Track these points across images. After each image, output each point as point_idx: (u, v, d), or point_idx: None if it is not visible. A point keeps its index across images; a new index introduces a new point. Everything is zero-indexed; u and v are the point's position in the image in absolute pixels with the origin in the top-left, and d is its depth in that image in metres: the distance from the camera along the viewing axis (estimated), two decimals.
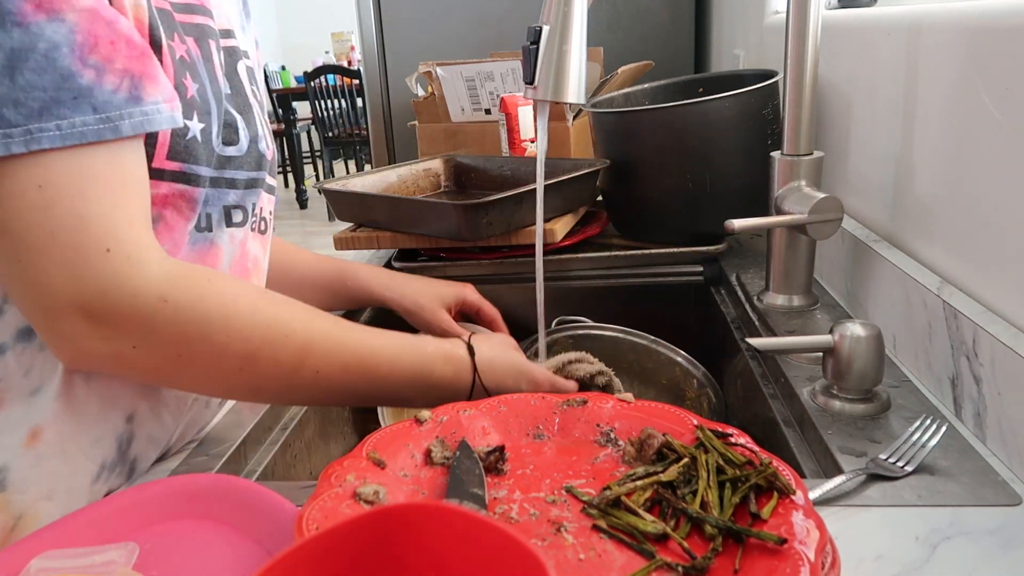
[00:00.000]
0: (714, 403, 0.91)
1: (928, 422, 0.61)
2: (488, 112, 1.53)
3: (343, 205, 1.20)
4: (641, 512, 0.50)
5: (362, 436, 0.59)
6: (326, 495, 0.50)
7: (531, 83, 0.75)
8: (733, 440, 0.55)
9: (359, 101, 5.77)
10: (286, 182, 6.61)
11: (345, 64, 6.48)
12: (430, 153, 1.54)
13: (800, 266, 0.88)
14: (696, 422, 0.58)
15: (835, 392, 0.68)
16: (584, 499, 0.52)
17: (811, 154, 0.84)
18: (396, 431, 0.59)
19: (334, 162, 6.53)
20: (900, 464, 0.57)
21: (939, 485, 0.55)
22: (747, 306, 0.95)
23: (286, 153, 6.29)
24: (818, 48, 0.80)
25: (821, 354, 0.68)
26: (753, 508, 0.48)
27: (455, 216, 1.03)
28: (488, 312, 0.98)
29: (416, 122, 1.60)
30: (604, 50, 1.64)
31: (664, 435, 0.56)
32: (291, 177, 6.16)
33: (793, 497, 0.48)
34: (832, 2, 1.08)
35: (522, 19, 0.93)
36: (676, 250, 1.11)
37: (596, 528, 0.49)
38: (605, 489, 0.52)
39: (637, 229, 1.18)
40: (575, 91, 0.75)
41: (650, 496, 0.51)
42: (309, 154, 6.98)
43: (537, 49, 0.74)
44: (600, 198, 1.23)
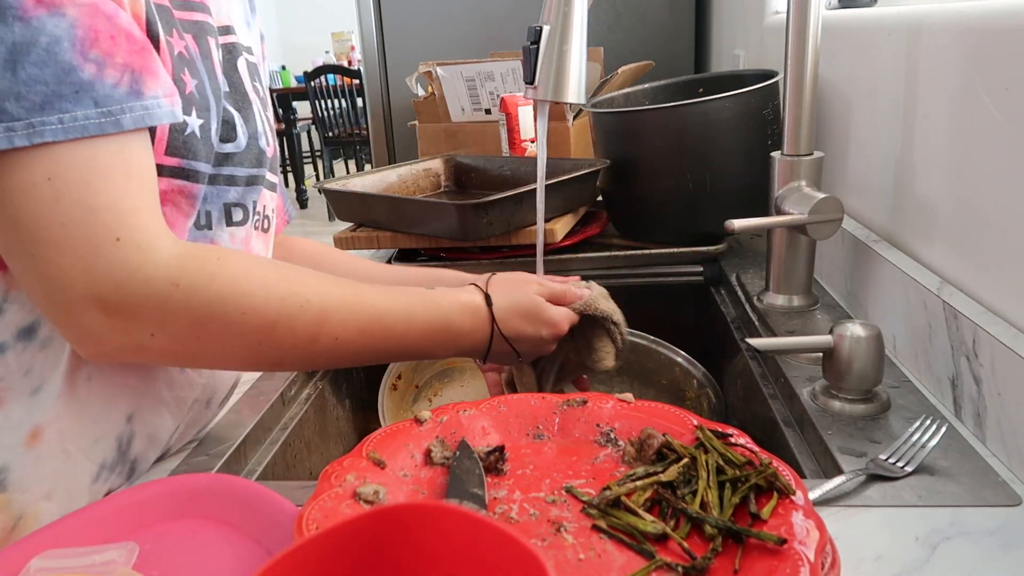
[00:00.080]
0: (714, 403, 0.91)
1: (928, 422, 0.61)
2: (488, 112, 1.53)
3: (343, 205, 1.20)
4: (641, 512, 0.50)
5: (362, 436, 0.59)
6: (326, 495, 0.50)
7: (531, 83, 0.75)
8: (733, 440, 0.55)
9: (359, 101, 5.78)
10: (286, 182, 6.60)
11: (345, 64, 6.49)
12: (430, 153, 1.54)
13: (800, 266, 0.88)
14: (696, 422, 0.58)
15: (835, 392, 0.68)
16: (584, 499, 0.52)
17: (811, 154, 0.84)
18: (396, 431, 0.59)
19: (334, 162, 6.53)
20: (900, 464, 0.57)
21: (939, 485, 0.55)
22: (747, 306, 0.95)
23: (286, 153, 6.29)
24: (818, 48, 0.80)
25: (821, 354, 0.68)
26: (753, 508, 0.48)
27: (455, 216, 1.03)
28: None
29: (416, 122, 1.60)
30: (604, 50, 1.64)
31: (664, 435, 0.56)
32: (291, 177, 6.16)
33: (793, 497, 0.48)
34: (832, 2, 1.08)
35: (522, 19, 0.93)
36: (676, 250, 1.11)
37: (596, 528, 0.49)
38: (605, 489, 0.52)
39: (637, 229, 1.18)
40: (575, 91, 0.75)
41: (650, 496, 0.51)
42: (309, 154, 6.98)
43: (537, 49, 0.74)
44: (600, 198, 1.23)
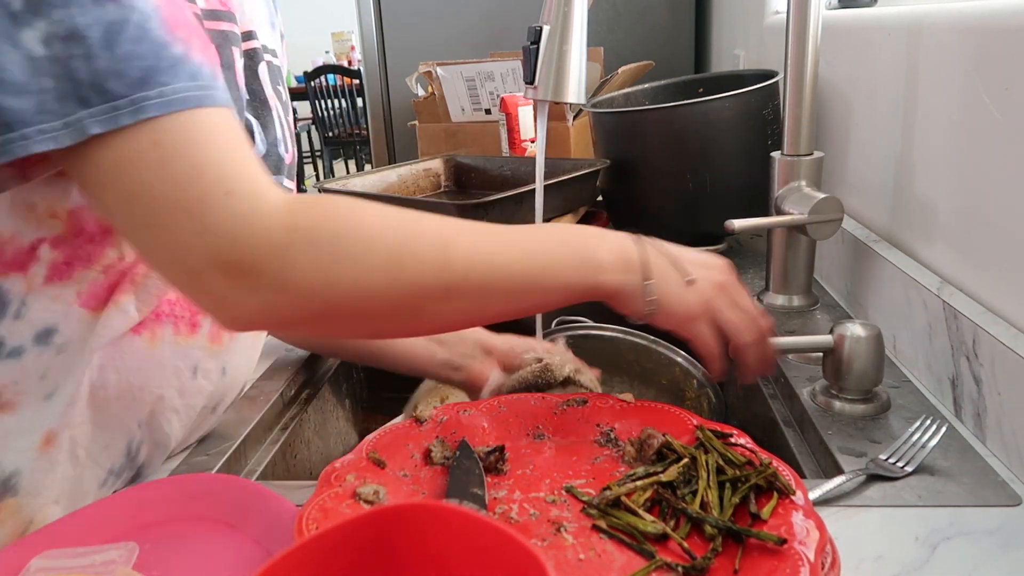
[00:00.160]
0: (714, 403, 0.91)
1: (928, 422, 0.61)
2: (488, 112, 1.53)
3: None
4: (641, 512, 0.50)
5: (362, 436, 0.59)
6: (326, 495, 0.50)
7: (531, 83, 0.75)
8: (733, 440, 0.55)
9: (359, 101, 5.78)
10: None
11: (345, 64, 6.49)
12: (430, 153, 1.54)
13: (800, 266, 0.88)
14: (696, 422, 0.58)
15: (835, 392, 0.68)
16: (584, 499, 0.52)
17: (811, 154, 0.84)
18: (396, 431, 0.59)
19: (334, 162, 6.53)
20: (900, 464, 0.57)
21: (939, 485, 0.55)
22: None
23: None
24: (818, 48, 0.80)
25: (821, 354, 0.68)
26: (753, 508, 0.48)
27: (455, 216, 1.03)
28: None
29: (416, 122, 1.60)
30: (604, 50, 1.64)
31: (664, 435, 0.56)
32: None
33: (793, 497, 0.48)
34: (832, 2, 1.08)
35: (522, 19, 0.93)
36: None
37: (596, 528, 0.49)
38: (605, 489, 0.52)
39: (637, 229, 1.18)
40: (575, 91, 0.75)
41: (650, 496, 0.51)
42: (309, 154, 6.98)
43: (537, 49, 0.74)
44: (600, 198, 1.23)
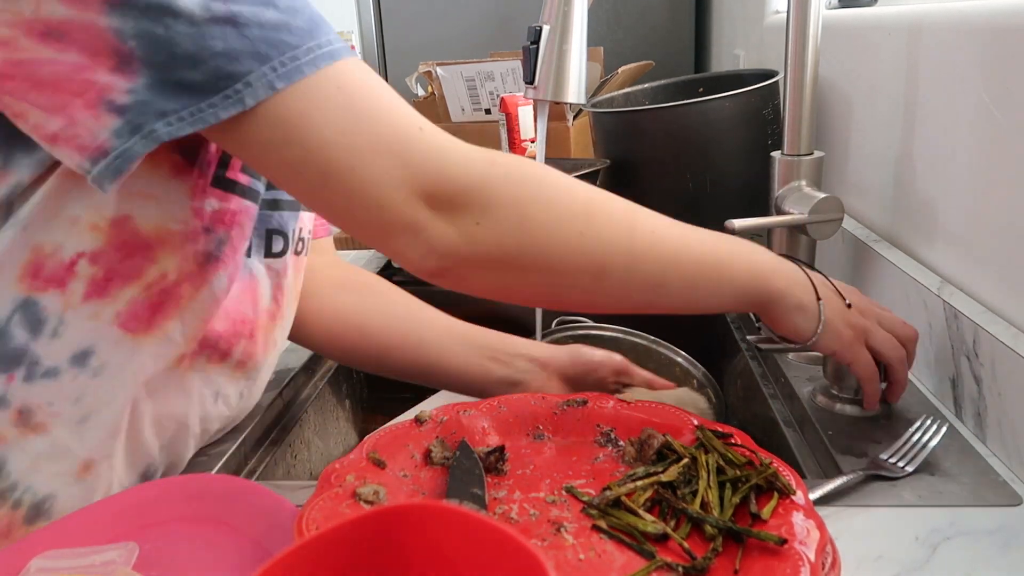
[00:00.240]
0: (714, 403, 0.91)
1: (928, 422, 0.61)
2: (488, 112, 1.53)
3: None
4: (641, 512, 0.50)
5: (362, 436, 0.59)
6: (326, 495, 0.50)
7: (531, 83, 0.75)
8: (733, 440, 0.55)
9: None
10: None
11: None
12: None
13: None
14: (696, 422, 0.58)
15: (835, 392, 0.68)
16: (584, 499, 0.52)
17: (811, 154, 0.84)
18: (396, 431, 0.59)
19: None
20: (900, 464, 0.57)
21: (939, 485, 0.55)
22: None
23: None
24: (818, 48, 0.80)
25: (821, 354, 0.68)
26: (753, 508, 0.48)
27: None
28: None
29: None
30: (604, 50, 1.64)
31: (664, 435, 0.56)
32: None
33: (793, 497, 0.48)
34: (832, 2, 1.08)
35: (522, 19, 0.93)
36: None
37: (596, 528, 0.49)
38: (605, 489, 0.52)
39: None
40: (575, 91, 0.75)
41: (650, 496, 0.51)
42: None
43: (537, 49, 0.74)
44: None
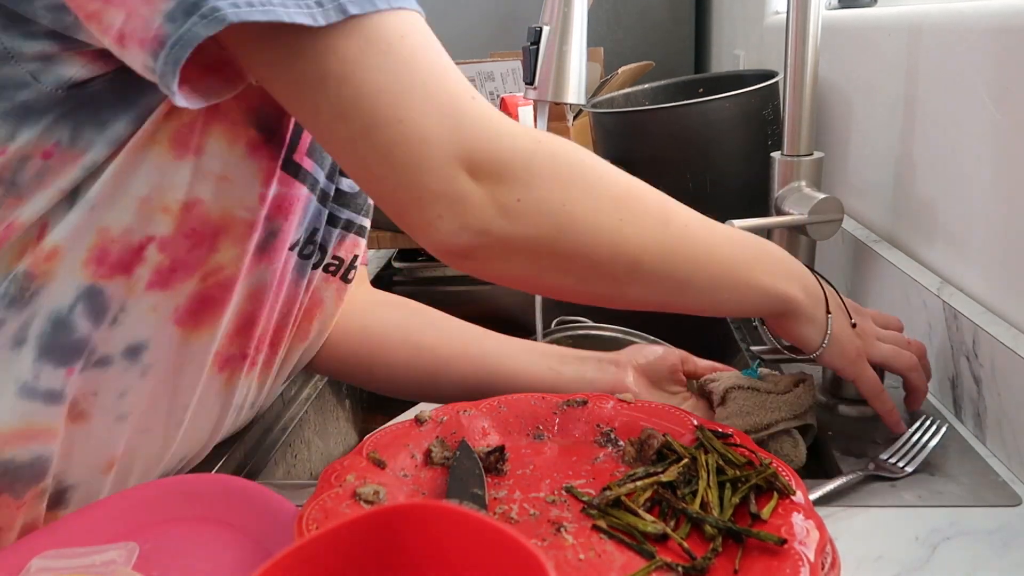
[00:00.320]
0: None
1: (928, 422, 0.61)
2: None
3: None
4: (641, 512, 0.50)
5: (362, 436, 0.59)
6: (326, 495, 0.50)
7: (531, 83, 0.75)
8: (733, 440, 0.55)
9: None
10: None
11: None
12: None
13: None
14: (696, 422, 0.58)
15: (835, 393, 0.68)
16: (584, 499, 0.52)
17: (811, 154, 0.84)
18: (396, 431, 0.59)
19: None
20: (900, 465, 0.57)
21: (939, 485, 0.55)
22: None
23: None
24: (818, 48, 0.80)
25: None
26: (753, 508, 0.48)
27: None
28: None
29: None
30: (604, 50, 1.64)
31: (664, 435, 0.56)
32: None
33: (793, 497, 0.48)
34: (832, 2, 1.08)
35: (522, 19, 0.93)
36: None
37: (596, 528, 0.49)
38: (605, 489, 0.52)
39: None
40: (575, 91, 0.75)
41: (650, 496, 0.51)
42: None
43: (537, 49, 0.74)
44: None
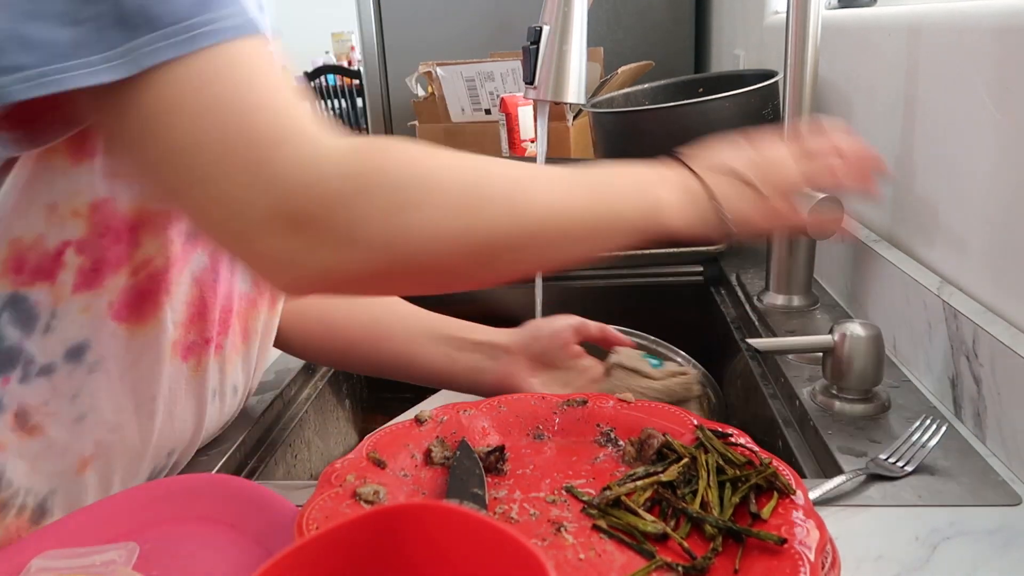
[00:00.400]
0: (714, 403, 0.91)
1: (928, 422, 0.61)
2: (488, 112, 1.53)
3: None
4: (641, 512, 0.50)
5: (362, 436, 0.59)
6: (326, 495, 0.50)
7: (531, 83, 0.75)
8: (733, 440, 0.55)
9: (359, 101, 5.77)
10: None
11: (345, 64, 6.48)
12: None
13: (800, 266, 0.88)
14: (696, 422, 0.58)
15: (835, 392, 0.68)
16: (584, 499, 0.52)
17: None
18: (396, 431, 0.59)
19: None
20: (900, 464, 0.57)
21: (939, 485, 0.55)
22: (747, 306, 0.95)
23: None
24: (818, 48, 0.80)
25: (821, 354, 0.68)
26: (753, 508, 0.48)
27: None
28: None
29: (416, 122, 1.60)
30: (604, 50, 1.64)
31: (664, 435, 0.56)
32: None
33: (793, 497, 0.48)
34: (832, 2, 1.08)
35: (522, 19, 0.93)
36: (676, 250, 1.11)
37: (596, 528, 0.49)
38: (605, 489, 0.52)
39: None
40: (575, 91, 0.75)
41: (650, 496, 0.51)
42: None
43: (537, 49, 0.74)
44: None
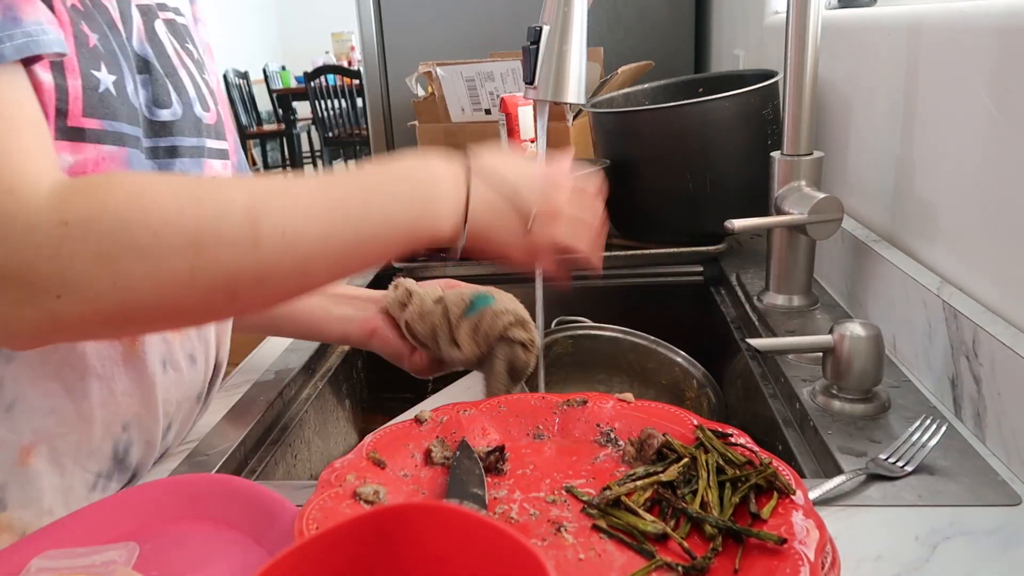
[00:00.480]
0: (714, 403, 0.91)
1: (928, 422, 0.61)
2: (488, 112, 1.53)
3: None
4: (641, 512, 0.50)
5: (362, 436, 0.59)
6: (326, 495, 0.50)
7: (531, 83, 0.75)
8: (733, 440, 0.55)
9: (359, 101, 5.78)
10: None
11: (345, 64, 6.49)
12: None
13: (800, 266, 0.88)
14: (696, 422, 0.58)
15: (835, 392, 0.68)
16: (584, 499, 0.52)
17: (811, 154, 0.84)
18: (396, 431, 0.59)
19: (334, 162, 6.53)
20: (900, 464, 0.57)
21: (939, 485, 0.55)
22: (747, 306, 0.95)
23: (286, 153, 6.30)
24: (818, 48, 0.80)
25: (821, 354, 0.68)
26: (753, 508, 0.48)
27: None
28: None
29: (416, 122, 1.60)
30: (604, 50, 1.64)
31: (664, 435, 0.56)
32: None
33: (793, 497, 0.48)
34: (832, 2, 1.08)
35: (522, 19, 0.93)
36: (676, 250, 1.11)
37: (596, 528, 0.49)
38: (605, 489, 0.52)
39: (637, 229, 1.18)
40: (575, 91, 0.75)
41: (650, 496, 0.51)
42: (309, 154, 6.98)
43: (537, 49, 0.74)
44: None
